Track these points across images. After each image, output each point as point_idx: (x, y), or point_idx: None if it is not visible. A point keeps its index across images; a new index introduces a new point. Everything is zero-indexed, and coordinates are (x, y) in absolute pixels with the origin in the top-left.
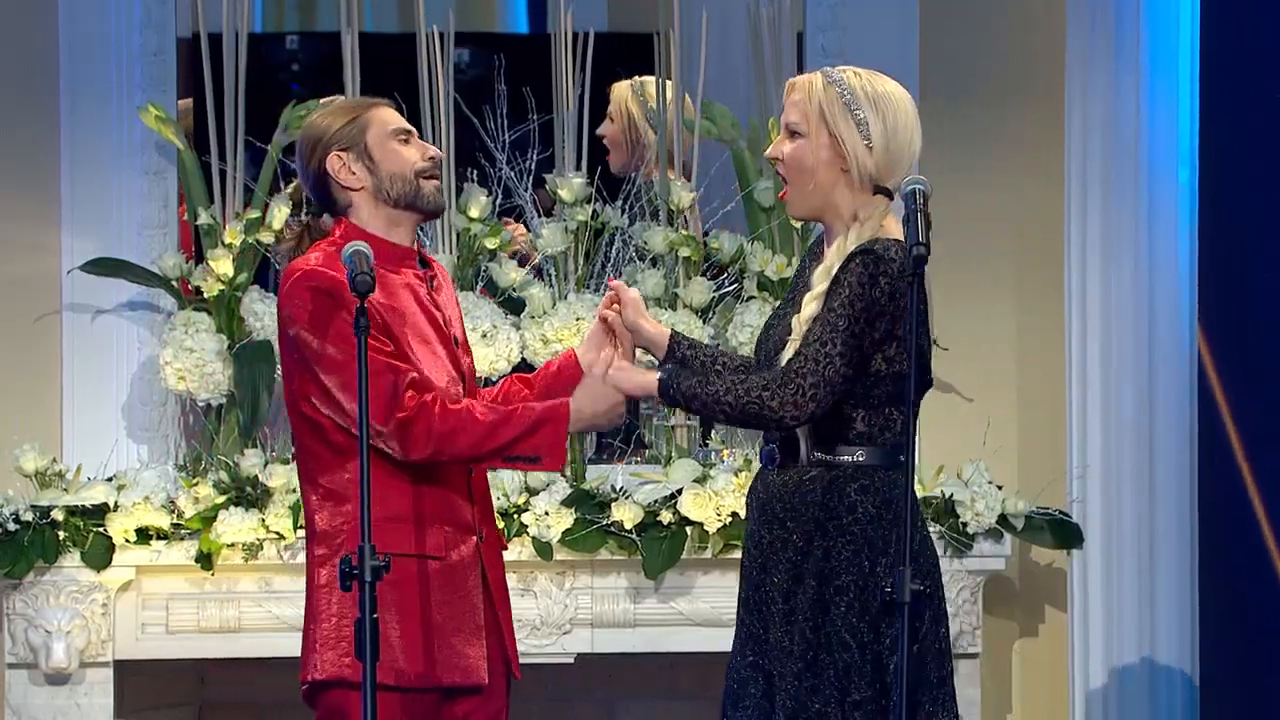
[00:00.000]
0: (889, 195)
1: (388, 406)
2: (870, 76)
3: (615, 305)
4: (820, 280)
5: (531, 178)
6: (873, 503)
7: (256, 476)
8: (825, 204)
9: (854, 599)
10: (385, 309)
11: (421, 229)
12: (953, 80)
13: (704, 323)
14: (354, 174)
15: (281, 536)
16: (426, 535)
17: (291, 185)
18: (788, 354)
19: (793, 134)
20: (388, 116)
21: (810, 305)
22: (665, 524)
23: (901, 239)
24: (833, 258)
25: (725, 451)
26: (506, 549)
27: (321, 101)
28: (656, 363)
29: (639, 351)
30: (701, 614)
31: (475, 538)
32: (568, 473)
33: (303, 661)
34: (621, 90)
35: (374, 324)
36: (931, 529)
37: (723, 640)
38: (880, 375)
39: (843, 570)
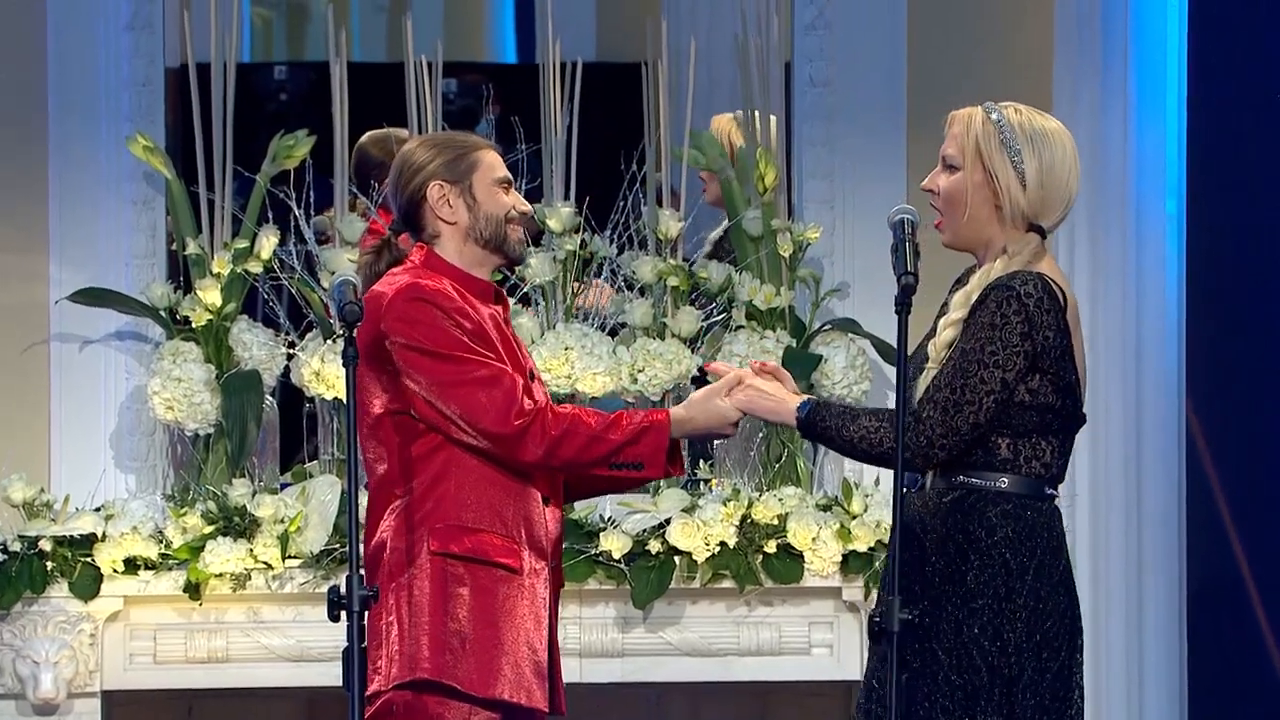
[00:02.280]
0: (1042, 233)
1: (505, 409)
2: (1031, 114)
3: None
4: (958, 306)
5: None
6: (1013, 528)
7: (244, 506)
8: (977, 238)
9: (987, 622)
10: (485, 327)
11: None
12: (940, 112)
13: (692, 352)
14: (451, 208)
15: (269, 566)
16: (514, 550)
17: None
18: (922, 384)
19: (949, 167)
20: (495, 162)
21: (946, 331)
22: (654, 553)
23: (1050, 272)
24: (974, 285)
25: (713, 481)
26: (564, 587)
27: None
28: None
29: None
30: (690, 644)
31: (547, 566)
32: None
33: (399, 662)
34: (723, 123)
35: (479, 338)
36: None
37: (712, 670)
38: (1025, 405)
39: (979, 593)
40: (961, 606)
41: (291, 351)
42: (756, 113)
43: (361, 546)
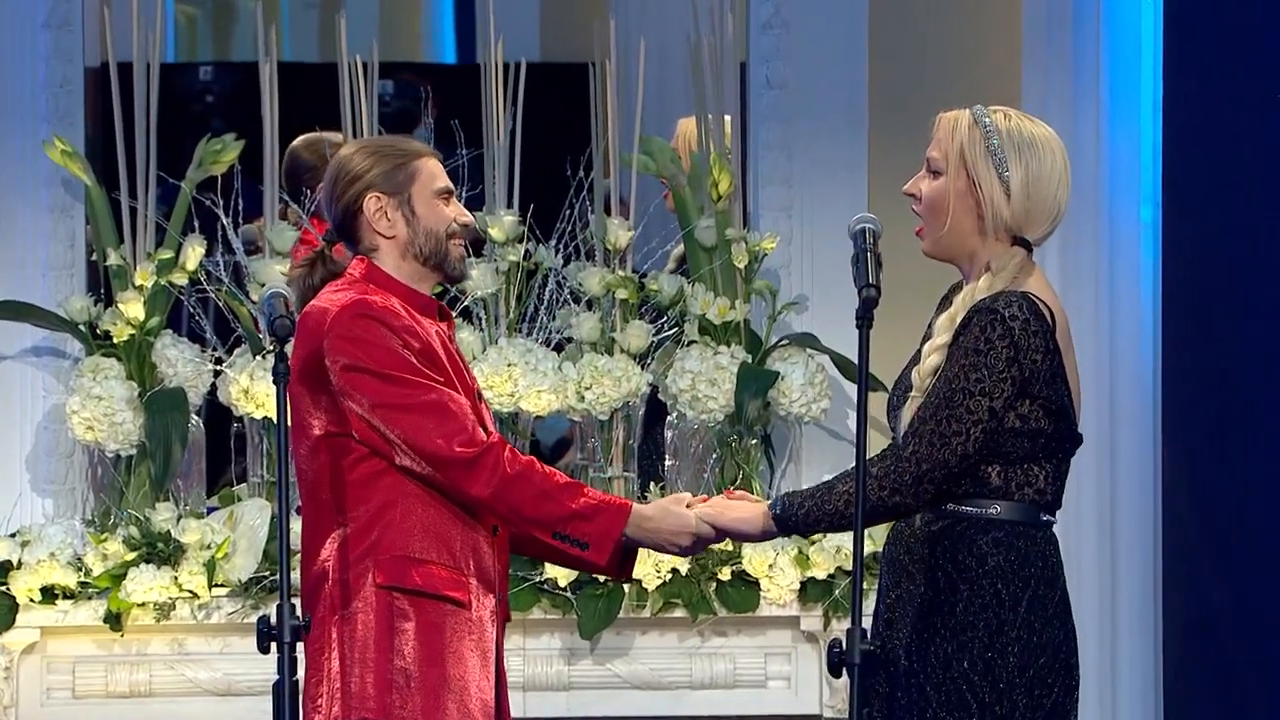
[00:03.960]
0: (1028, 247)
1: (452, 436)
2: (1021, 119)
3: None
4: (943, 330)
5: None
6: (1005, 557)
7: (169, 532)
8: (958, 249)
9: (978, 656)
10: (433, 345)
11: None
12: (902, 113)
13: (642, 369)
14: (389, 221)
15: (195, 595)
16: (462, 582)
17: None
18: (907, 414)
19: (933, 172)
20: (436, 171)
21: (931, 358)
22: (601, 581)
23: (1037, 289)
24: (958, 306)
25: None
26: (510, 620)
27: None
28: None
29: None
30: (640, 676)
31: (494, 598)
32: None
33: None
34: (689, 126)
35: (428, 358)
36: None
37: (663, 704)
38: (1016, 431)
39: (970, 625)
40: (951, 640)
41: (219, 368)
42: (709, 116)
43: (295, 574)
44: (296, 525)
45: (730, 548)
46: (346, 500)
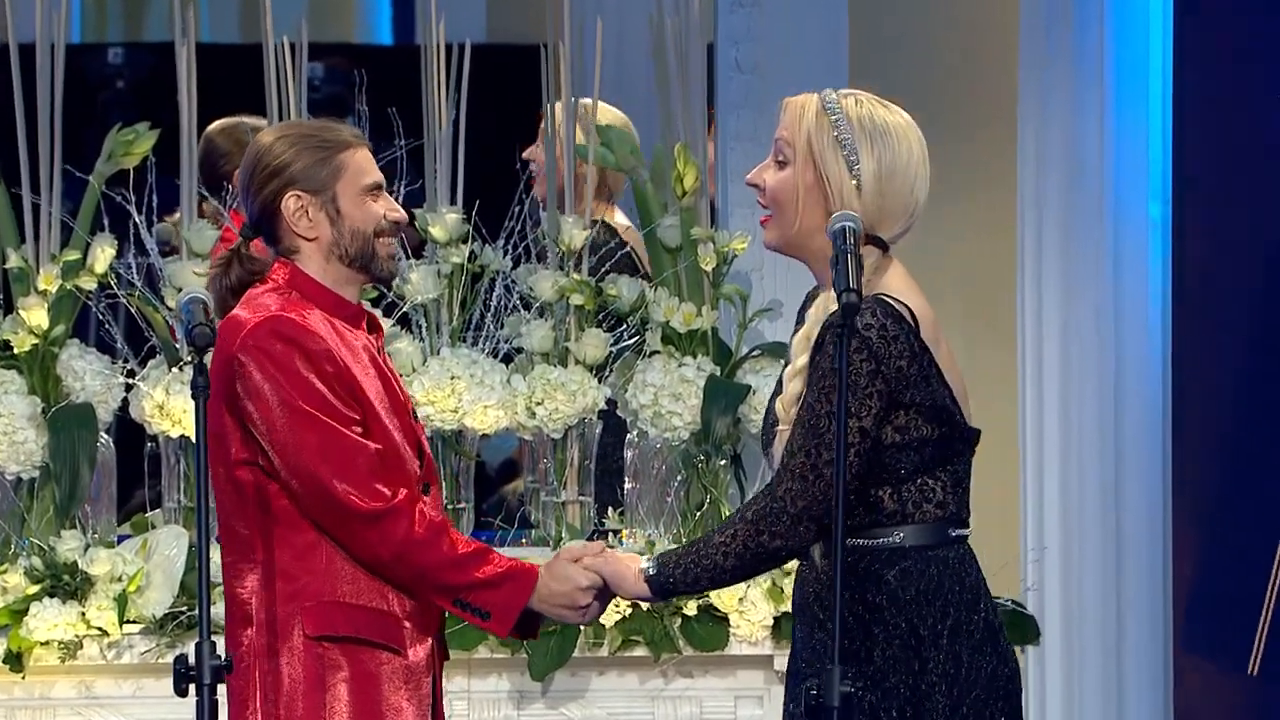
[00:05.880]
0: (883, 247)
1: (360, 486)
2: (874, 105)
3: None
4: (800, 351)
5: None
6: (916, 587)
7: (75, 562)
8: (807, 246)
9: (905, 702)
10: (353, 372)
11: None
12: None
13: (599, 382)
14: (311, 221)
15: (105, 633)
16: (396, 626)
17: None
18: (778, 450)
19: (779, 161)
20: (365, 164)
21: (793, 384)
22: None
23: (897, 290)
24: (811, 323)
25: (624, 533)
26: (449, 659)
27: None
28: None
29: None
30: None
31: (431, 640)
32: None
33: None
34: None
35: (344, 388)
36: None
37: None
38: (898, 446)
39: (891, 670)
40: (874, 689)
41: (131, 381)
42: (674, 104)
43: (217, 608)
44: (217, 555)
45: None
46: (271, 536)
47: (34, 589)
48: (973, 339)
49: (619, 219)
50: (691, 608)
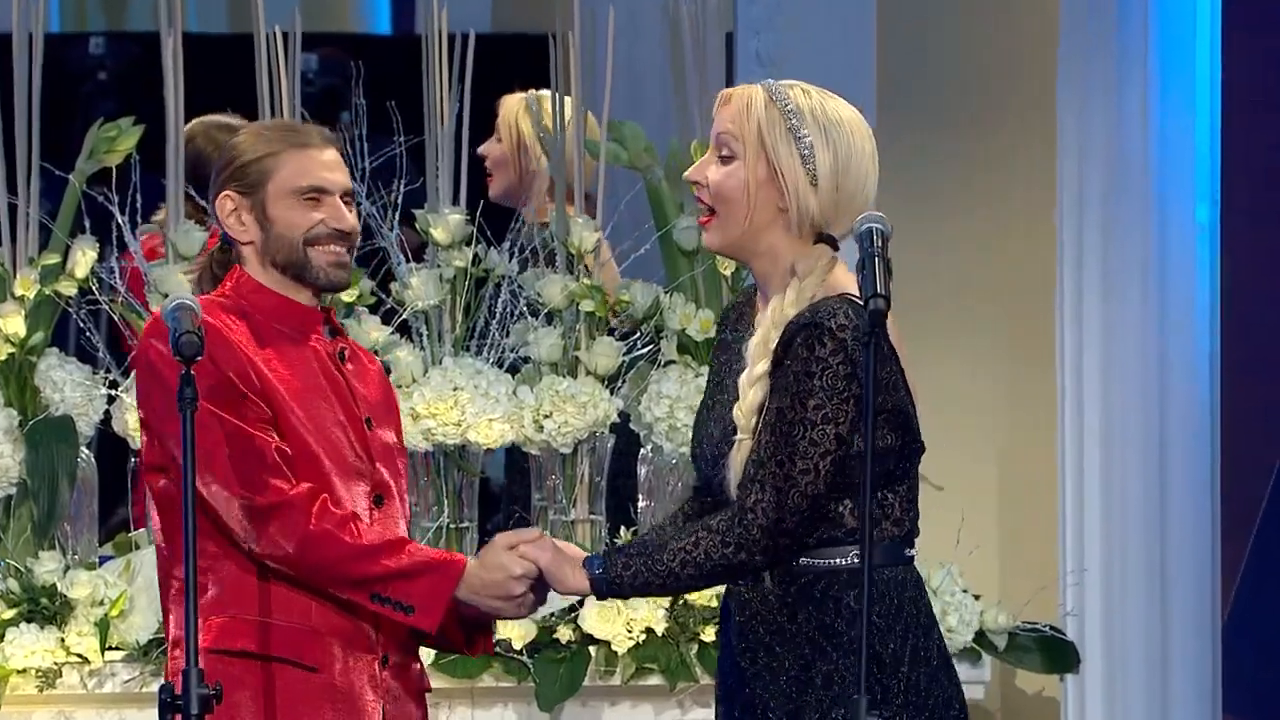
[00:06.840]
0: (833, 244)
1: (241, 482)
2: (822, 97)
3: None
4: (758, 357)
5: (398, 213)
6: (877, 611)
7: (54, 585)
8: (754, 247)
9: None
10: (268, 373)
11: None
12: (917, 95)
13: (611, 393)
14: (244, 225)
15: (85, 660)
16: (305, 642)
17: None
18: (737, 463)
19: (723, 156)
20: (304, 166)
21: (752, 392)
22: (564, 643)
23: (852, 289)
24: (768, 327)
25: None
26: (429, 690)
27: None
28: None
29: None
30: None
31: (378, 661)
32: None
33: None
34: (512, 104)
35: (249, 387)
36: None
37: None
38: (863, 455)
39: (849, 699)
40: (829, 716)
41: (113, 393)
42: (690, 98)
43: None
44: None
45: (713, 605)
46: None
47: (10, 613)
48: (1007, 346)
49: None
50: (709, 633)
